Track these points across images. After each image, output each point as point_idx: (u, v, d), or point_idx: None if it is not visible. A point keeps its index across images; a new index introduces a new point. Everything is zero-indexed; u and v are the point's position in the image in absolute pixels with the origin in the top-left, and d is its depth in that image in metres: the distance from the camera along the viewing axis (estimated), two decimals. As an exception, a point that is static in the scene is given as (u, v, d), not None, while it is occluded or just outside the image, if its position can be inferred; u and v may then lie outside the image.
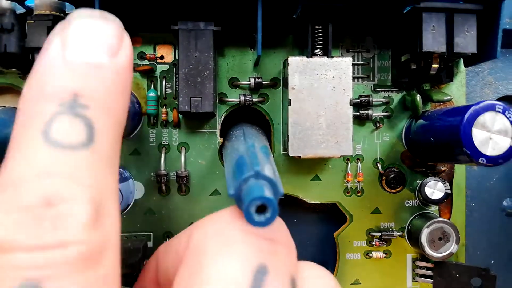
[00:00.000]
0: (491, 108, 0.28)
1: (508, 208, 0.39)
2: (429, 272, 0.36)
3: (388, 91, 0.36)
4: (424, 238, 0.34)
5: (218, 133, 0.35)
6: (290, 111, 0.32)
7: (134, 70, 0.35)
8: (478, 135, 0.28)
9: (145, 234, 0.35)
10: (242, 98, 0.35)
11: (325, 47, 0.33)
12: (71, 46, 0.17)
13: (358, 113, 0.36)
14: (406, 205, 0.37)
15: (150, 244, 0.35)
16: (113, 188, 0.17)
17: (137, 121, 0.34)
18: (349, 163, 0.36)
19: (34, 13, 0.31)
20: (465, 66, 0.36)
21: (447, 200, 0.35)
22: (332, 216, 0.39)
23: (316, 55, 0.33)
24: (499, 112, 0.28)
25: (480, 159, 0.28)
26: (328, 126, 0.32)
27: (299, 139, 0.32)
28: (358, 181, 0.36)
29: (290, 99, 0.32)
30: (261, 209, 0.18)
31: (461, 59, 0.36)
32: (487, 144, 0.28)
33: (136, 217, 0.35)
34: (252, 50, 0.35)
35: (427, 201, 0.35)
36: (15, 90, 0.35)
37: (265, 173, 0.20)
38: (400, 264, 0.37)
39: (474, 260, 0.39)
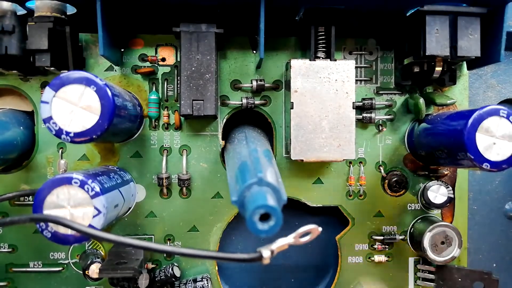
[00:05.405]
0: (495, 113, 0.28)
1: (510, 211, 0.39)
2: (431, 276, 0.36)
3: (391, 93, 0.36)
4: (426, 242, 0.34)
5: (220, 136, 0.35)
6: (292, 114, 0.32)
7: (136, 72, 0.34)
8: (482, 140, 0.28)
9: (146, 236, 0.35)
10: (244, 100, 0.35)
11: (327, 49, 0.33)
12: None
13: (361, 116, 0.35)
14: (409, 208, 0.37)
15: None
16: None
17: (138, 124, 0.34)
18: (351, 166, 0.36)
19: (35, 15, 0.30)
20: (468, 69, 0.36)
21: (449, 204, 0.35)
22: (334, 219, 0.38)
23: (318, 57, 0.33)
24: (503, 117, 0.28)
25: (484, 164, 0.27)
26: (331, 129, 0.32)
27: (301, 143, 0.32)
28: (361, 185, 0.36)
29: (292, 102, 0.32)
30: (264, 217, 0.18)
31: (464, 62, 0.36)
32: (491, 149, 0.28)
33: (137, 220, 0.35)
34: (255, 52, 0.35)
35: (429, 205, 0.35)
36: (16, 92, 0.34)
37: (268, 180, 0.20)
38: (402, 267, 0.37)
39: (476, 264, 0.38)
